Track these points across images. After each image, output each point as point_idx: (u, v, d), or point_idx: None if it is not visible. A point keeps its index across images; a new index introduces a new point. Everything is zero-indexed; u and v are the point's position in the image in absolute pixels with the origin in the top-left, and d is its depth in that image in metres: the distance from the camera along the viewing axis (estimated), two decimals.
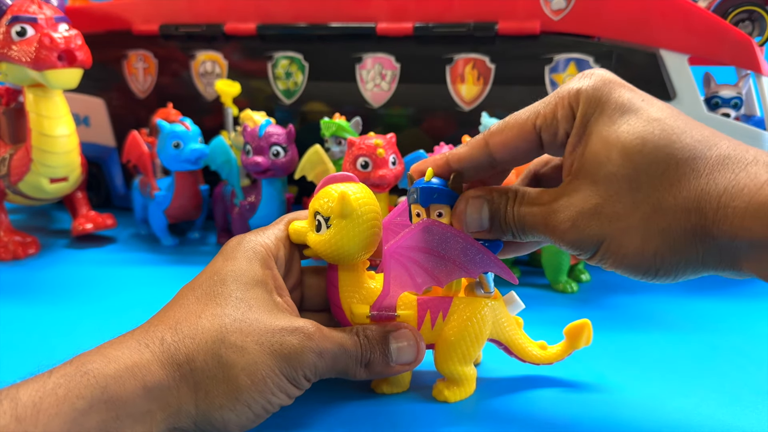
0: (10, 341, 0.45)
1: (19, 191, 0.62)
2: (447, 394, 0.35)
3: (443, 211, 0.32)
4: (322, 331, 0.31)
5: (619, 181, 0.26)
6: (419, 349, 0.33)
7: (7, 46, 0.57)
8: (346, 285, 0.34)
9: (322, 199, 0.33)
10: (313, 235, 0.33)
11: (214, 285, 0.31)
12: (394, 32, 0.66)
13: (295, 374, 0.29)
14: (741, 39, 0.58)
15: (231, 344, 0.28)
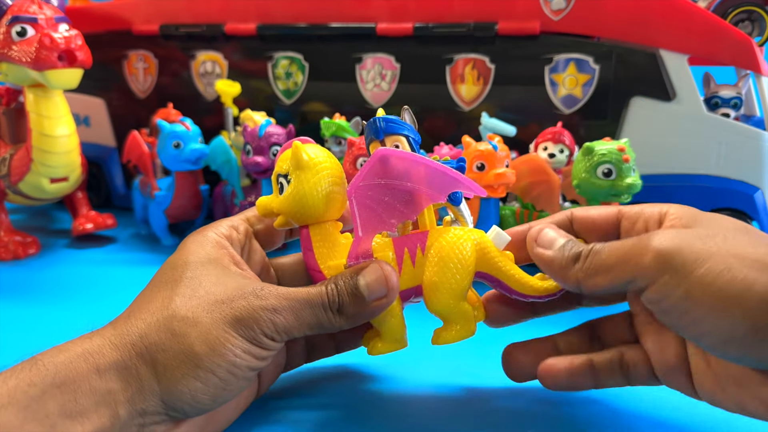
0: (10, 341, 0.45)
1: (20, 191, 0.62)
2: (445, 335, 0.33)
3: (399, 143, 0.32)
4: (278, 290, 0.30)
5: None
6: (388, 278, 0.31)
7: (8, 46, 0.57)
8: (319, 244, 0.33)
9: (280, 162, 0.33)
10: (277, 199, 0.32)
11: (165, 273, 0.31)
12: (394, 32, 0.66)
13: (253, 333, 0.28)
14: (741, 39, 0.58)
15: (182, 317, 0.28)
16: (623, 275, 0.28)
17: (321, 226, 0.33)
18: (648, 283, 0.27)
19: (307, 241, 0.33)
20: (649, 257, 0.27)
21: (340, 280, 0.31)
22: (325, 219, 0.33)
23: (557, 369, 0.32)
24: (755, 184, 0.60)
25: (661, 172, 0.61)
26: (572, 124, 0.62)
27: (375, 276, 0.31)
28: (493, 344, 0.38)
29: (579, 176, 0.51)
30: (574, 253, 0.30)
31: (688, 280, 0.25)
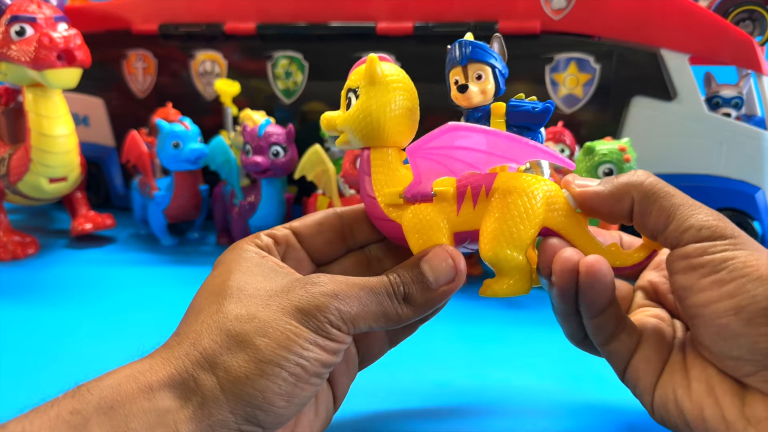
0: (10, 341, 0.45)
1: (19, 191, 0.62)
2: (495, 287, 0.29)
3: (483, 73, 0.29)
4: (334, 277, 0.27)
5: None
6: (457, 263, 0.29)
7: (7, 46, 0.57)
8: (379, 170, 0.30)
9: (352, 75, 0.30)
10: (343, 115, 0.30)
11: (207, 287, 0.28)
12: (394, 32, 0.66)
13: (318, 322, 0.26)
14: (742, 38, 0.58)
15: (235, 316, 0.25)
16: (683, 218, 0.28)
17: (383, 150, 0.30)
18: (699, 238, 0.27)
19: (366, 164, 0.31)
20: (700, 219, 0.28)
21: (403, 269, 0.29)
22: (389, 144, 0.30)
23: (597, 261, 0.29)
24: (756, 184, 0.60)
25: (662, 171, 0.61)
26: (573, 124, 0.62)
27: (441, 260, 0.29)
28: (497, 343, 0.37)
29: (580, 176, 0.51)
30: (625, 177, 0.29)
31: (735, 249, 0.27)
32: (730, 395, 0.27)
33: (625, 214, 0.29)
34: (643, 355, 0.30)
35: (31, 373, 0.40)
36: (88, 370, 0.28)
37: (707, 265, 0.27)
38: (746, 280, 0.26)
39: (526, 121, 0.29)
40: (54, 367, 0.41)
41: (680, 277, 0.28)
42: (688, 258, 0.27)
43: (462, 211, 0.29)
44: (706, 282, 0.27)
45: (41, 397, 0.26)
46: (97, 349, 0.43)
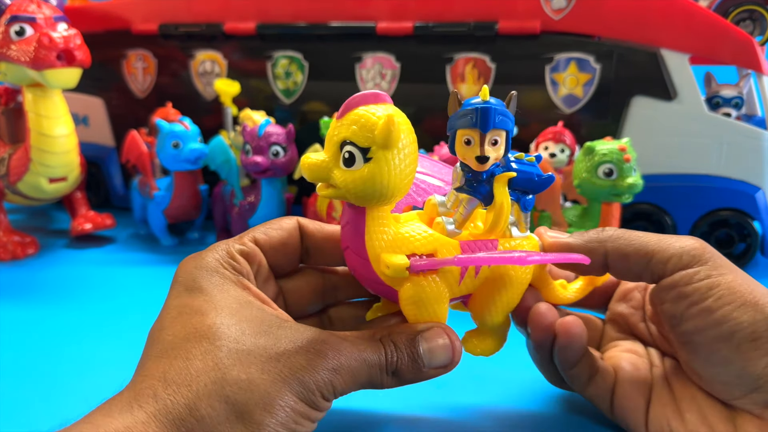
0: (10, 341, 0.45)
1: (18, 191, 0.62)
2: (483, 346, 0.31)
3: (499, 138, 0.28)
4: (334, 344, 0.26)
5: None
6: (454, 348, 0.29)
7: (6, 46, 0.57)
8: (376, 230, 0.28)
9: (354, 126, 0.26)
10: (341, 171, 0.26)
11: (191, 319, 0.26)
12: (394, 32, 0.66)
13: (313, 396, 0.25)
14: (742, 38, 0.58)
15: (234, 380, 0.24)
16: (657, 253, 0.29)
17: (381, 210, 0.28)
18: (680, 267, 0.29)
19: (359, 222, 0.28)
20: (685, 246, 0.29)
21: (400, 340, 0.28)
22: (391, 203, 0.28)
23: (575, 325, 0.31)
24: (756, 184, 0.60)
25: (663, 171, 0.61)
26: (573, 124, 0.62)
27: (440, 341, 0.29)
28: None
29: (580, 176, 0.51)
30: (594, 232, 0.31)
31: (720, 276, 0.28)
32: (722, 421, 0.28)
33: (597, 266, 0.31)
34: (624, 392, 0.31)
35: (31, 373, 0.40)
36: (88, 370, 0.27)
37: (694, 293, 0.28)
38: (732, 307, 0.27)
39: (529, 187, 0.30)
40: (54, 367, 0.41)
41: (669, 306, 0.29)
42: (676, 287, 0.29)
43: (463, 282, 0.30)
44: (695, 310, 0.28)
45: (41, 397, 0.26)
46: (98, 349, 0.43)
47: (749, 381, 0.27)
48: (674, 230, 0.61)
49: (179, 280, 0.28)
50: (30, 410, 0.36)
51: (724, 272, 0.28)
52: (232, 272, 0.29)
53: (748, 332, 0.27)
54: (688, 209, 0.61)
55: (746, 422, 0.28)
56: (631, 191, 0.50)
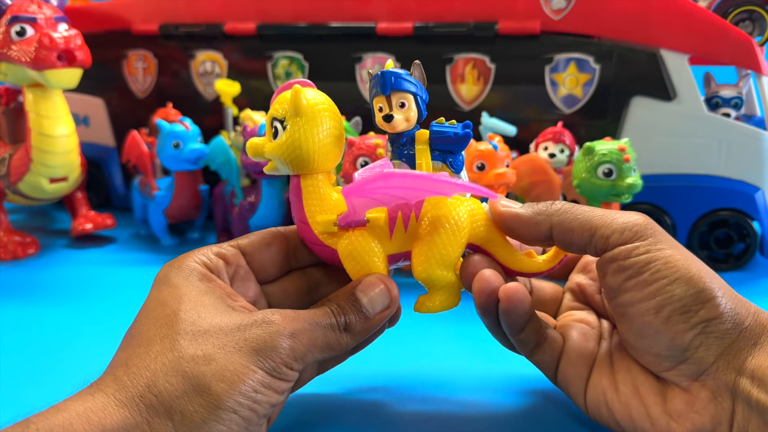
0: (10, 341, 0.45)
1: (19, 191, 0.62)
2: (428, 304, 0.32)
3: (406, 101, 0.31)
4: (286, 314, 0.28)
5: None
6: (390, 290, 0.31)
7: (7, 46, 0.57)
8: (310, 196, 0.31)
9: (276, 104, 0.31)
10: (270, 143, 0.31)
11: (154, 311, 0.28)
12: (394, 32, 0.66)
13: (274, 364, 0.26)
14: (741, 39, 0.58)
15: (191, 356, 0.25)
16: (599, 228, 0.30)
17: (313, 177, 0.31)
18: (620, 242, 0.29)
19: (297, 191, 0.32)
20: (629, 221, 0.30)
21: (341, 299, 0.30)
22: (318, 170, 0.31)
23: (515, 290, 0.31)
24: (756, 184, 0.60)
25: (662, 172, 0.61)
26: (573, 124, 0.62)
27: (376, 289, 0.31)
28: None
29: (579, 176, 0.51)
30: (543, 205, 0.32)
31: (659, 251, 0.29)
32: (653, 394, 0.30)
33: (543, 237, 0.31)
34: (569, 361, 0.32)
35: (31, 373, 0.40)
36: (87, 370, 0.28)
37: (632, 267, 0.29)
38: (667, 281, 0.28)
39: (448, 145, 0.31)
40: (54, 367, 0.41)
41: (609, 279, 0.30)
42: (616, 260, 0.30)
43: (394, 236, 0.31)
44: (631, 283, 0.29)
45: (41, 397, 0.26)
46: (97, 349, 0.43)
47: (677, 353, 0.28)
48: (674, 230, 0.61)
49: (156, 279, 0.30)
50: (30, 410, 0.36)
51: (662, 247, 0.29)
52: (202, 268, 0.30)
53: (679, 305, 0.28)
54: (687, 209, 0.61)
55: (675, 395, 0.29)
56: (631, 191, 0.50)
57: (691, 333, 0.28)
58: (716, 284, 0.28)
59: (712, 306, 0.28)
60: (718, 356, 0.28)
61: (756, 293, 0.54)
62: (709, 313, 0.28)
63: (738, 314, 0.28)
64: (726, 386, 0.27)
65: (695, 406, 0.28)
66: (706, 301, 0.28)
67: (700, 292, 0.28)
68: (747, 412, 0.27)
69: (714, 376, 0.28)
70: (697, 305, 0.28)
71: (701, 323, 0.28)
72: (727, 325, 0.28)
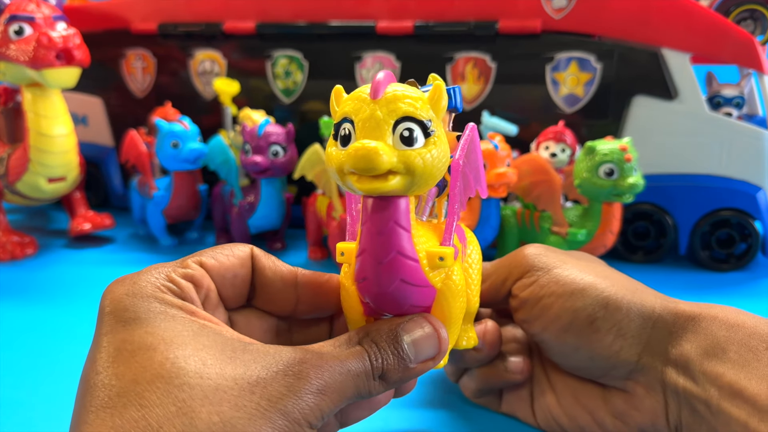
0: (9, 341, 0.44)
1: (17, 191, 0.62)
2: (469, 338, 0.30)
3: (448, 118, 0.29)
4: (314, 362, 0.23)
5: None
6: (440, 336, 0.25)
7: (5, 45, 0.57)
8: (414, 223, 0.24)
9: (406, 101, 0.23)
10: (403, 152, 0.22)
11: (135, 355, 0.21)
12: (394, 31, 0.66)
13: (298, 428, 0.21)
14: (743, 38, 0.58)
15: (206, 425, 0.20)
16: (503, 272, 0.32)
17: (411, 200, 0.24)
18: (518, 276, 0.31)
19: (404, 218, 0.24)
20: (522, 258, 0.32)
21: (380, 338, 0.25)
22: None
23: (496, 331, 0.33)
24: (757, 184, 0.59)
25: (663, 171, 0.61)
26: (574, 123, 0.61)
27: (422, 331, 0.25)
28: None
29: (581, 176, 0.51)
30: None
31: (548, 275, 0.30)
32: (593, 399, 0.31)
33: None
34: (509, 391, 0.34)
35: (31, 373, 0.40)
36: None
37: (530, 297, 0.31)
38: (564, 299, 0.29)
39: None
40: (53, 367, 0.41)
41: (518, 314, 0.32)
42: (516, 297, 0.31)
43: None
44: (535, 311, 0.30)
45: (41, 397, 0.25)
46: None
47: (601, 361, 0.29)
48: (675, 230, 0.61)
49: (107, 311, 0.24)
50: (30, 410, 0.35)
51: (550, 269, 0.30)
52: (173, 297, 0.24)
53: (583, 317, 0.29)
54: (689, 209, 0.60)
55: (614, 396, 0.30)
56: (632, 191, 0.50)
57: (605, 340, 0.29)
58: (611, 286, 0.29)
59: (614, 308, 0.29)
60: (640, 353, 0.28)
61: (757, 293, 0.54)
62: (614, 316, 0.28)
63: (644, 307, 0.29)
64: (656, 379, 0.28)
65: (634, 403, 0.29)
66: (605, 305, 0.29)
67: (597, 298, 0.29)
68: (677, 402, 0.28)
69: (643, 372, 0.29)
70: (599, 311, 0.29)
71: (611, 328, 0.28)
72: (636, 322, 0.28)
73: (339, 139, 0.24)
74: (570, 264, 0.31)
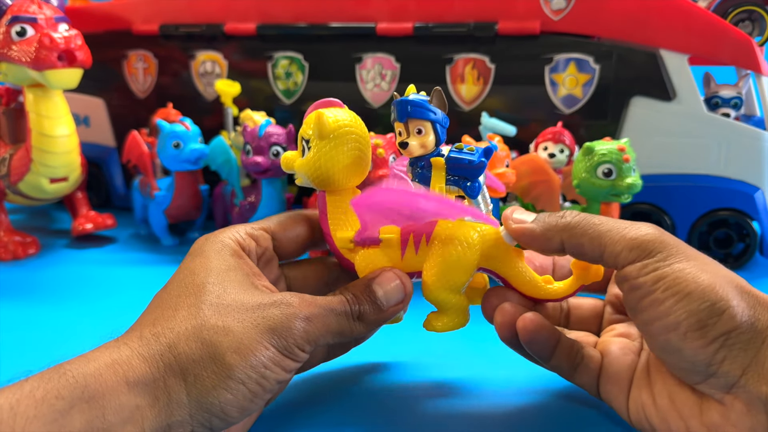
0: (10, 341, 0.45)
1: (19, 191, 0.62)
2: (435, 323, 0.34)
3: (423, 128, 0.32)
4: (304, 298, 0.30)
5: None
6: (405, 285, 0.32)
7: (7, 46, 0.57)
8: (333, 211, 0.34)
9: (304, 124, 0.33)
10: (299, 160, 0.33)
11: (185, 279, 0.30)
12: (394, 32, 0.66)
13: (287, 344, 0.28)
14: (741, 39, 0.58)
15: (212, 326, 0.27)
16: (608, 246, 0.30)
17: (337, 193, 0.33)
18: (629, 260, 0.29)
19: (323, 205, 0.34)
20: (638, 238, 0.29)
21: (358, 289, 0.32)
22: (341, 188, 0.33)
23: (531, 321, 0.32)
24: (755, 184, 0.60)
25: (662, 172, 0.61)
26: (572, 124, 0.62)
27: (392, 284, 0.32)
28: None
29: (579, 176, 0.51)
30: (554, 218, 0.32)
31: (665, 267, 0.28)
32: (689, 406, 0.29)
33: (555, 251, 0.32)
34: (607, 378, 0.32)
35: (31, 374, 0.40)
36: None
37: (642, 286, 0.29)
38: (677, 298, 0.28)
39: (464, 171, 0.32)
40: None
41: (626, 298, 0.30)
42: (627, 280, 0.29)
43: (406, 256, 0.33)
44: (645, 302, 0.29)
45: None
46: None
47: (702, 368, 0.28)
48: (673, 230, 0.61)
49: (190, 251, 0.32)
50: None
51: (671, 262, 0.28)
52: (235, 245, 0.32)
53: (693, 321, 0.27)
54: (687, 209, 0.61)
55: (710, 407, 0.28)
56: (631, 191, 0.50)
57: (711, 348, 0.27)
58: (730, 292, 0.27)
59: (728, 317, 0.27)
60: (745, 368, 0.27)
61: None
62: (726, 326, 0.27)
63: (758, 320, 0.27)
64: (758, 398, 0.27)
65: (731, 418, 0.27)
66: (720, 313, 0.27)
67: (713, 305, 0.27)
68: None
69: (745, 388, 0.27)
70: (712, 318, 0.27)
71: (720, 337, 0.27)
72: (747, 335, 0.27)
73: None
74: (691, 258, 0.29)
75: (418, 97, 0.33)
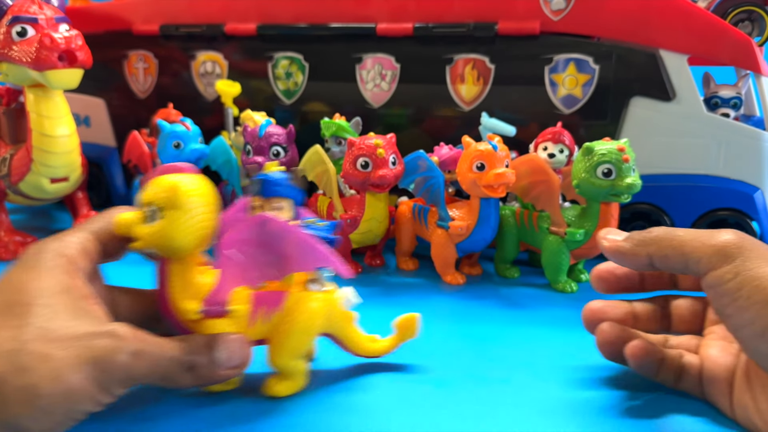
0: None
1: (20, 191, 0.62)
2: (277, 388, 0.35)
3: (284, 205, 0.34)
4: (137, 333, 0.29)
5: None
6: (246, 354, 0.33)
7: (8, 47, 0.57)
8: (176, 280, 0.33)
9: (154, 189, 0.32)
10: (143, 227, 0.32)
11: (12, 295, 0.28)
12: (394, 32, 0.66)
13: (108, 378, 0.27)
14: (740, 39, 0.58)
15: (31, 351, 0.26)
16: (690, 254, 0.31)
17: (182, 262, 0.33)
18: (710, 267, 0.30)
19: (164, 275, 0.33)
20: (717, 244, 0.30)
21: (199, 341, 0.31)
22: (188, 256, 0.33)
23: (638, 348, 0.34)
24: (755, 184, 0.60)
25: (661, 172, 0.61)
26: (572, 124, 0.62)
27: (234, 347, 0.32)
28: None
29: (579, 176, 0.51)
30: (641, 235, 0.33)
31: (748, 272, 0.28)
32: None
33: (645, 265, 0.33)
34: (709, 382, 0.33)
35: None
36: None
37: (726, 294, 0.29)
38: (762, 305, 0.28)
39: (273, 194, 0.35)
40: None
41: (713, 305, 0.31)
42: (711, 288, 0.30)
43: (255, 324, 0.34)
44: (730, 309, 0.29)
45: None
46: None
47: None
48: None
49: (20, 260, 0.31)
50: None
51: (752, 267, 0.28)
52: (68, 260, 0.31)
53: None
54: (686, 209, 0.61)
55: None
56: (630, 191, 0.50)
57: None
58: None
59: None
60: None
61: None
62: None
63: None
64: None
65: None
66: None
67: None
68: None
69: None
70: None
71: None
72: None
73: None
74: (761, 252, 0.29)
75: (281, 175, 0.35)
